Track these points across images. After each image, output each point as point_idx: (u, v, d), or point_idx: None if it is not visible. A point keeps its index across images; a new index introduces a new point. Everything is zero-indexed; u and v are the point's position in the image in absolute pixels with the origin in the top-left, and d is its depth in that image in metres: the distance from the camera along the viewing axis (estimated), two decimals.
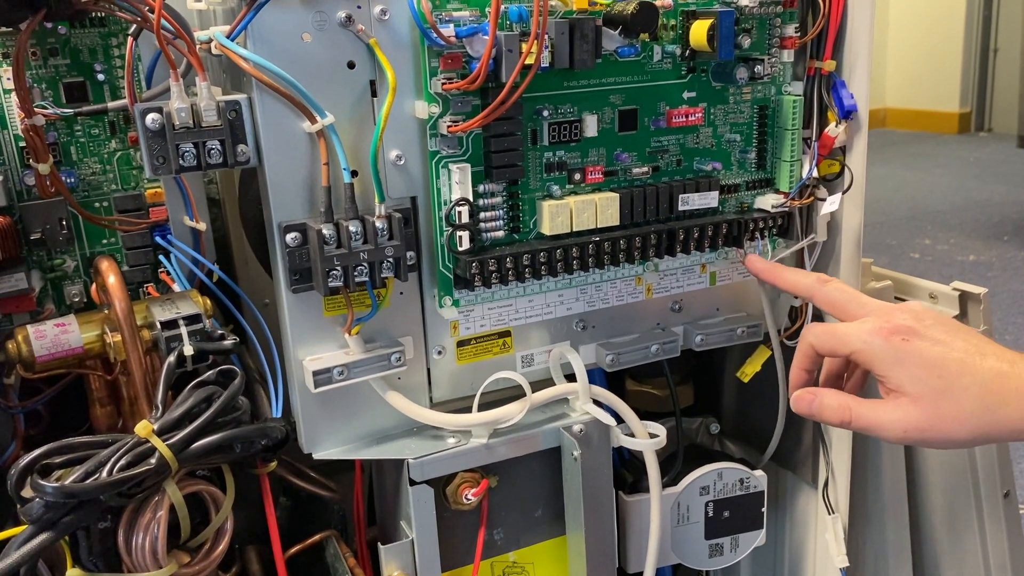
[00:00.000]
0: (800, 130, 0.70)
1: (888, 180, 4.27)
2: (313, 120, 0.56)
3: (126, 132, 0.69)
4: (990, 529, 0.83)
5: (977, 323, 0.77)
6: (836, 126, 0.70)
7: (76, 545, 0.53)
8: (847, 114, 0.70)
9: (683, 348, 0.73)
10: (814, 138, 0.71)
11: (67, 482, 0.49)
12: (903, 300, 0.82)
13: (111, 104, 0.66)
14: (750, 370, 0.78)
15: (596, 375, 0.73)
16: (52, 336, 0.59)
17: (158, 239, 0.70)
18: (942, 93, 5.47)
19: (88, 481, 0.49)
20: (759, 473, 0.78)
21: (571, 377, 0.68)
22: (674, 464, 0.77)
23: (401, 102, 0.58)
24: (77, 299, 0.69)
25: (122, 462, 0.50)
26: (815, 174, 0.71)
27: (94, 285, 0.68)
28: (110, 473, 0.50)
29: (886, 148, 5.01)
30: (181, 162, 0.54)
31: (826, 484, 0.80)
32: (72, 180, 0.68)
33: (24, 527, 0.50)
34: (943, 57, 5.39)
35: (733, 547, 0.79)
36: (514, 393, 0.65)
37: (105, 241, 0.70)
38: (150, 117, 0.53)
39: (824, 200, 0.71)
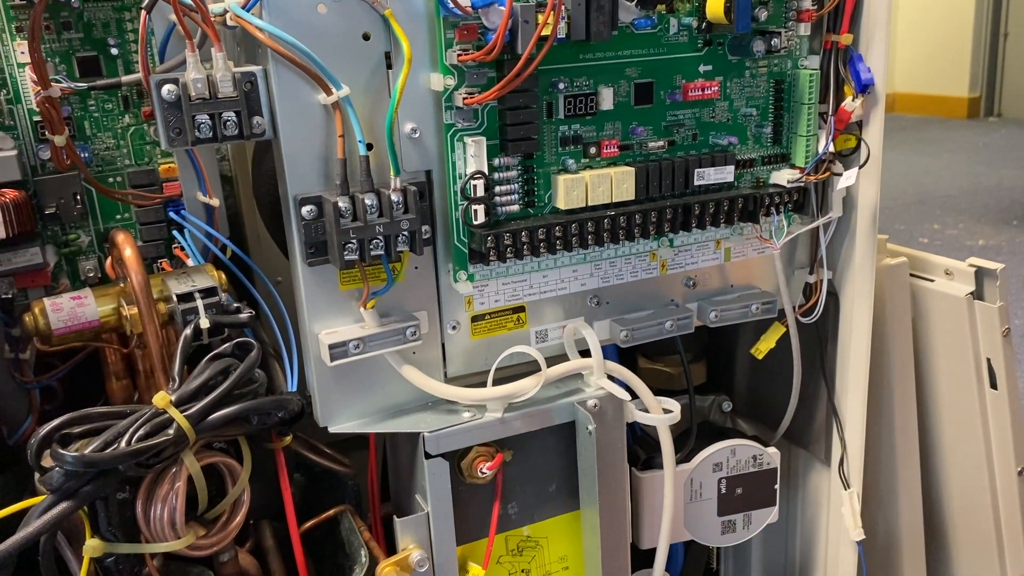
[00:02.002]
0: (816, 104, 0.69)
1: (896, 165, 4.24)
2: (328, 92, 0.56)
3: (140, 107, 0.69)
4: (1004, 505, 0.83)
5: (993, 299, 0.77)
6: (853, 100, 0.69)
7: (95, 516, 0.53)
8: (864, 88, 0.69)
9: (697, 325, 0.73)
10: (830, 112, 0.70)
11: (86, 451, 0.49)
12: (919, 277, 0.82)
13: (125, 78, 0.66)
14: (764, 347, 0.77)
15: (609, 352, 0.73)
16: (68, 309, 0.59)
17: (172, 214, 0.70)
18: (952, 78, 5.43)
19: (107, 451, 0.49)
20: (772, 450, 0.78)
21: (585, 354, 0.67)
22: (687, 441, 0.77)
23: (416, 74, 0.58)
24: (92, 274, 0.69)
25: (140, 432, 0.50)
26: (831, 149, 0.70)
27: (109, 259, 0.68)
28: (129, 443, 0.50)
29: (895, 133, 4.97)
30: (197, 134, 0.54)
31: (841, 460, 0.80)
32: (86, 155, 0.68)
33: (43, 497, 0.50)
34: (953, 41, 5.35)
35: (746, 524, 0.79)
36: (528, 369, 0.65)
37: (119, 216, 0.70)
38: (166, 88, 0.53)
39: (840, 175, 0.71)
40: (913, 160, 4.40)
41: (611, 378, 0.67)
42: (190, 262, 0.69)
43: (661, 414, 0.68)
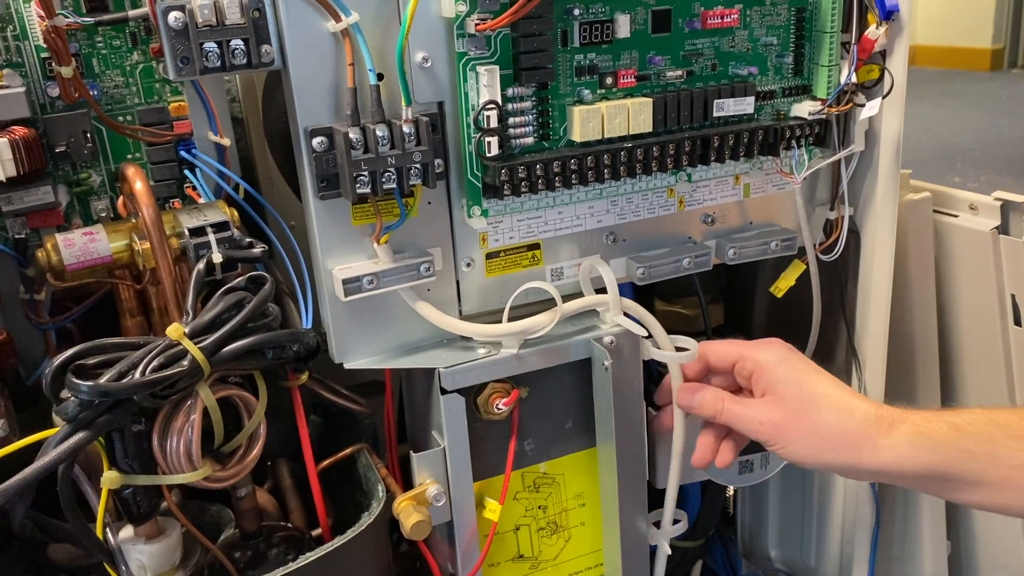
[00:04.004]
0: (839, 33, 0.67)
1: (918, 119, 4.18)
2: (338, 19, 0.54)
3: (148, 43, 0.68)
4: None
5: (1019, 233, 0.75)
6: (877, 28, 0.67)
7: (112, 448, 0.53)
8: (888, 15, 0.67)
9: (715, 262, 0.72)
10: (853, 42, 0.68)
11: (101, 381, 0.49)
12: (942, 213, 0.80)
13: (132, 12, 0.65)
14: (784, 284, 0.76)
15: (625, 292, 0.72)
16: (81, 244, 0.59)
17: (183, 153, 0.69)
18: (974, 29, 5.31)
19: (122, 381, 0.49)
20: None
21: (601, 291, 0.67)
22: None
23: (427, 0, 0.56)
24: (104, 214, 0.69)
25: (155, 363, 0.50)
26: (854, 80, 0.68)
27: (120, 198, 0.68)
28: (143, 373, 0.50)
29: (915, 87, 4.85)
30: (205, 62, 0.53)
31: None
32: (95, 93, 0.67)
33: (59, 428, 0.50)
34: None
35: (763, 464, 0.79)
36: (543, 308, 0.64)
37: (130, 156, 0.70)
38: (172, 15, 0.52)
39: (863, 106, 0.69)
40: (935, 113, 4.32)
41: (627, 315, 0.66)
42: (202, 201, 0.68)
43: (673, 352, 0.67)
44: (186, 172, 0.70)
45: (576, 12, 0.60)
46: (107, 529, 0.55)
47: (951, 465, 0.55)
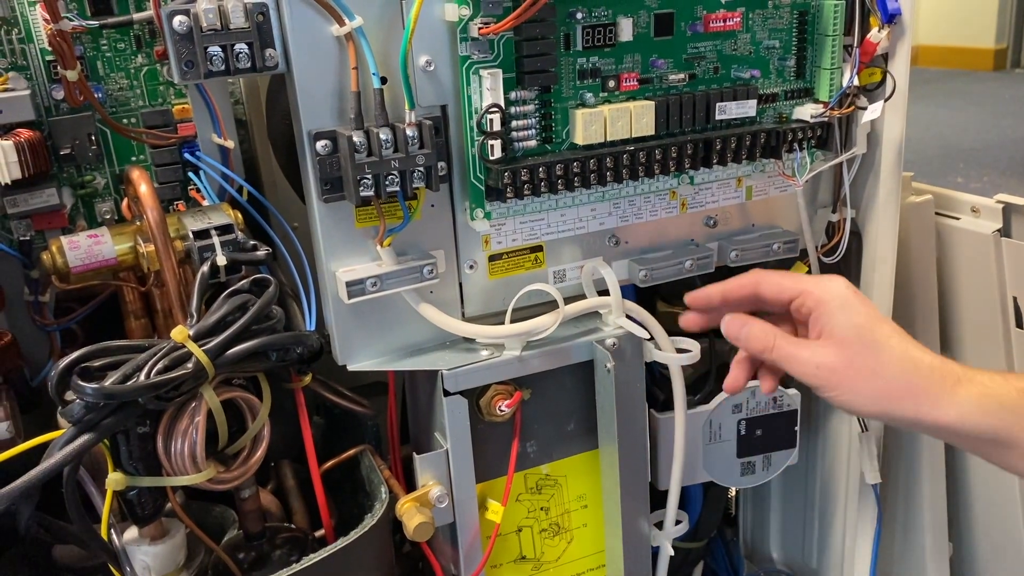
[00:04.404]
0: (841, 36, 0.68)
1: (920, 118, 4.17)
2: (341, 23, 0.55)
3: (152, 46, 0.68)
4: None
5: (1021, 236, 0.75)
6: (879, 31, 0.67)
7: (116, 450, 0.53)
8: (891, 18, 0.67)
9: (717, 264, 0.72)
10: (855, 45, 0.68)
11: (106, 384, 0.49)
12: (944, 215, 0.80)
13: (136, 15, 0.65)
14: None
15: (627, 294, 0.72)
16: (86, 247, 0.59)
17: (187, 155, 0.69)
18: (977, 29, 5.30)
19: (127, 383, 0.49)
20: (793, 391, 0.77)
21: (604, 294, 0.67)
22: (707, 382, 0.76)
23: (430, 4, 0.57)
24: (108, 216, 0.69)
25: (159, 366, 0.50)
26: (856, 83, 0.69)
27: (125, 200, 0.68)
28: (148, 376, 0.50)
29: (918, 86, 4.85)
30: (209, 66, 0.53)
31: None
32: (100, 96, 0.67)
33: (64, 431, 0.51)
34: None
35: (765, 465, 0.79)
36: (545, 311, 0.65)
37: (134, 158, 0.70)
38: (177, 19, 0.52)
39: (865, 109, 0.69)
40: (937, 113, 4.32)
41: (630, 317, 0.67)
42: (206, 203, 0.69)
43: (674, 354, 0.67)
44: (190, 174, 0.70)
45: (579, 16, 0.60)
46: (112, 530, 0.56)
47: (1014, 432, 0.53)
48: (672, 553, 0.73)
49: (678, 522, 0.73)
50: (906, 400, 0.55)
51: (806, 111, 0.69)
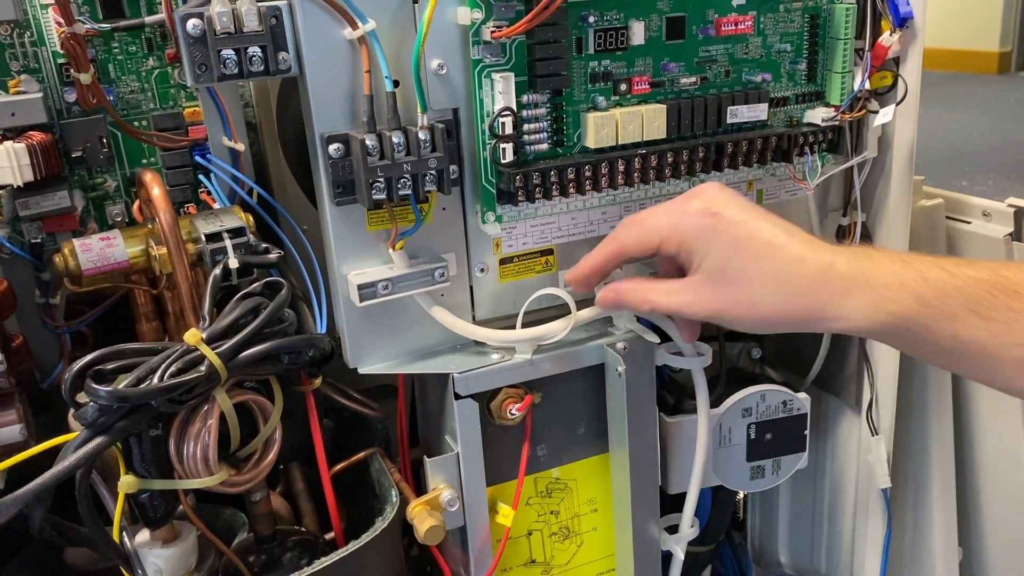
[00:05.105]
0: (852, 40, 0.68)
1: (924, 122, 4.14)
2: (354, 26, 0.55)
3: (164, 49, 0.68)
4: None
5: None
6: (891, 35, 0.67)
7: (129, 453, 0.53)
8: (903, 22, 0.67)
9: None
10: (867, 48, 0.68)
11: (119, 387, 0.49)
12: (955, 219, 0.80)
13: (148, 19, 0.66)
14: None
15: None
16: (98, 250, 0.59)
17: (198, 158, 0.69)
18: (981, 32, 5.30)
19: (140, 386, 0.49)
20: (802, 395, 0.77)
21: None
22: (716, 386, 0.76)
23: (443, 8, 0.57)
24: (119, 219, 0.69)
25: (172, 368, 0.50)
26: (867, 86, 0.69)
27: (136, 203, 0.68)
28: (161, 379, 0.50)
29: (923, 90, 4.86)
30: (223, 69, 0.53)
31: (870, 406, 0.79)
32: (111, 98, 0.67)
33: (77, 433, 0.51)
34: None
35: (775, 469, 0.79)
36: (555, 314, 0.65)
37: (145, 161, 0.70)
38: (191, 23, 0.52)
39: (876, 113, 0.69)
40: (942, 116, 4.31)
41: (640, 321, 0.67)
42: (217, 206, 0.69)
43: (695, 356, 0.67)
44: (201, 177, 0.70)
45: (591, 19, 0.60)
46: (124, 533, 0.55)
47: (901, 341, 0.51)
48: (682, 557, 0.73)
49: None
50: (795, 317, 0.53)
51: (817, 115, 0.69)
